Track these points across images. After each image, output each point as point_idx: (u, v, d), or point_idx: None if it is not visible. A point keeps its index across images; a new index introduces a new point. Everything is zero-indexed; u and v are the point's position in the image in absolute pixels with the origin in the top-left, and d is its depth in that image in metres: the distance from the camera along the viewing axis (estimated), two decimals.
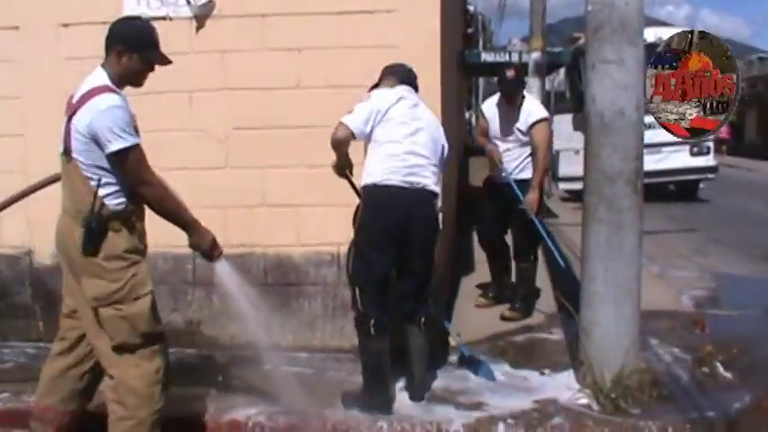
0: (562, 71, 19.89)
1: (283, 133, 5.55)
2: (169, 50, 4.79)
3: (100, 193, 3.55)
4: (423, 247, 4.67)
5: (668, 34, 17.46)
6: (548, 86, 15.19)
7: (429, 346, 4.82)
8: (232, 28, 5.63)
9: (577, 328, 4.99)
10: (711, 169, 16.88)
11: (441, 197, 5.61)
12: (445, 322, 5.40)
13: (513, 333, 5.98)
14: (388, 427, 4.32)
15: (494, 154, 6.55)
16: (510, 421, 4.32)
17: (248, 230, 5.59)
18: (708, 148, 16.26)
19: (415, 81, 4.81)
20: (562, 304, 6.17)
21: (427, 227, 4.68)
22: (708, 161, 16.60)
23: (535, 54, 12.44)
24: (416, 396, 4.69)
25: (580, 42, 16.39)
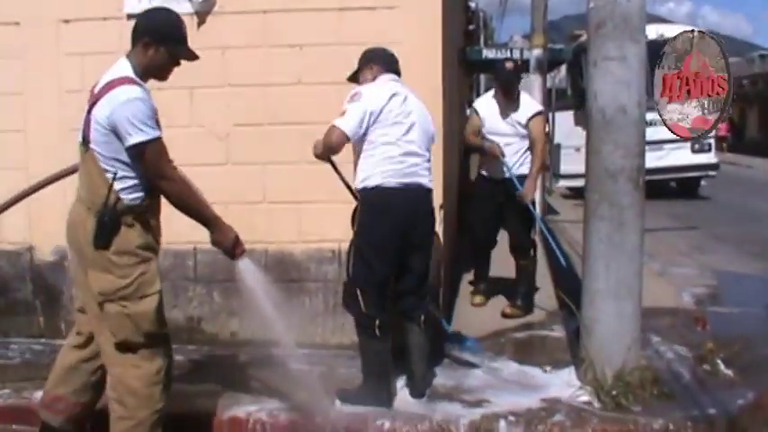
0: (563, 68, 19.91)
1: (284, 130, 5.54)
2: None
3: (115, 186, 3.49)
4: (422, 245, 4.66)
5: (670, 31, 17.45)
6: (549, 84, 15.17)
7: (429, 343, 4.82)
8: (233, 24, 5.62)
9: (578, 325, 4.99)
10: (713, 166, 16.88)
11: (443, 195, 5.64)
12: (443, 321, 5.39)
13: (515, 330, 5.99)
14: (390, 423, 4.31)
15: (495, 150, 6.53)
16: (511, 418, 4.31)
17: (249, 227, 5.54)
18: (709, 145, 16.27)
19: (398, 66, 4.72)
20: (563, 301, 6.17)
21: (426, 224, 4.67)
22: (709, 158, 16.60)
23: (536, 51, 12.41)
24: (418, 393, 4.69)
25: (582, 39, 16.41)
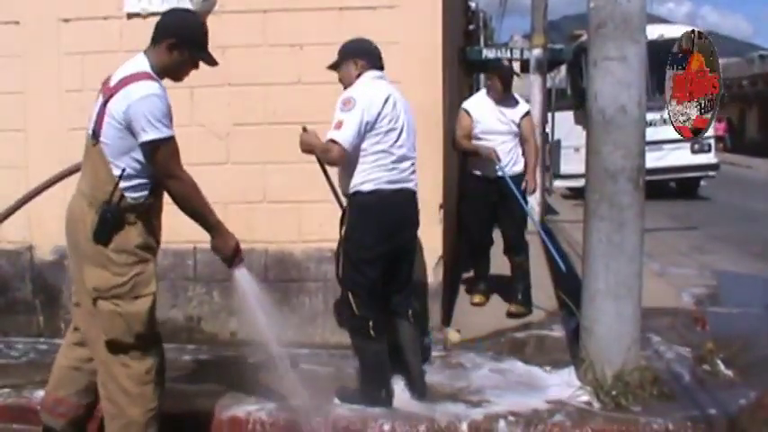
0: (563, 68, 19.88)
1: (284, 129, 5.53)
2: None
3: (121, 183, 3.48)
4: (409, 247, 4.67)
5: (671, 31, 17.42)
6: (549, 84, 15.16)
7: (420, 337, 4.82)
8: (233, 24, 5.61)
9: (578, 325, 5.00)
10: (713, 167, 16.87)
11: (443, 195, 5.64)
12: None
13: (515, 330, 5.99)
14: (390, 424, 4.32)
15: (492, 155, 6.53)
16: (511, 418, 4.31)
17: (249, 227, 5.57)
18: (709, 145, 16.26)
19: (382, 61, 4.61)
20: (563, 301, 6.17)
21: (414, 225, 4.67)
22: (709, 159, 16.58)
23: (536, 51, 12.41)
24: (418, 393, 4.67)
25: (582, 39, 16.40)
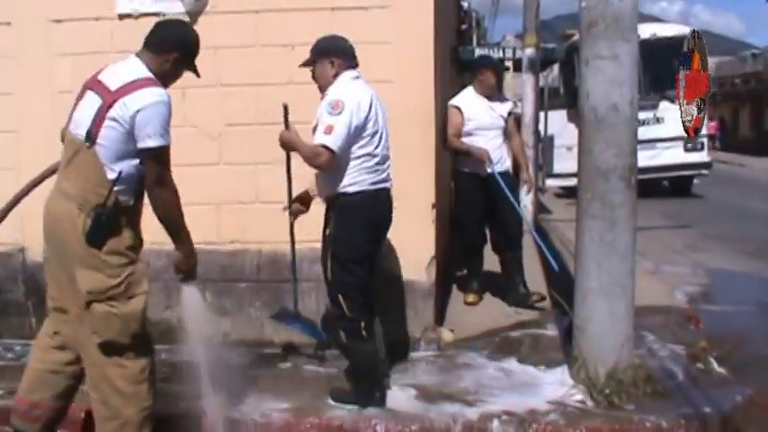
0: (556, 67, 19.90)
1: (276, 129, 5.49)
2: None
3: (115, 187, 3.51)
4: (383, 240, 4.77)
5: (664, 30, 17.35)
6: (541, 83, 15.17)
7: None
8: (225, 24, 5.61)
9: (571, 324, 5.00)
10: (705, 165, 16.90)
11: (435, 194, 5.64)
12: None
13: (508, 329, 5.98)
14: (383, 424, 4.32)
15: (485, 156, 6.57)
16: (504, 418, 4.32)
17: (242, 227, 5.58)
18: (702, 144, 16.29)
19: (357, 59, 4.62)
20: (556, 300, 6.18)
21: (389, 226, 4.71)
22: (702, 157, 16.61)
23: (529, 50, 12.41)
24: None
25: (574, 38, 16.41)
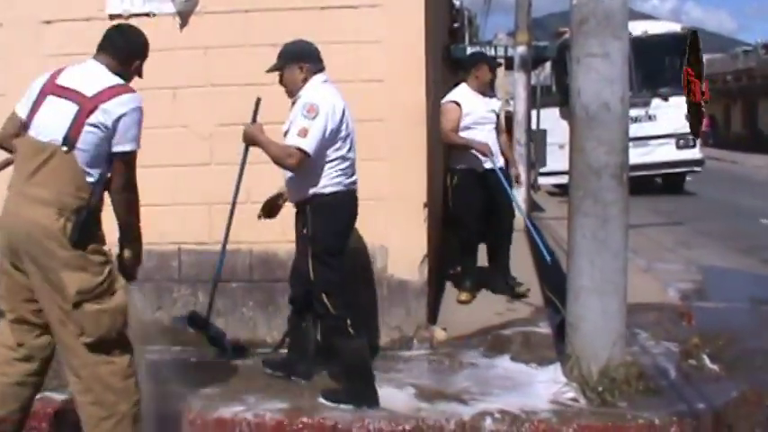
0: (548, 65, 19.93)
1: (267, 130, 5.50)
2: (152, 47, 4.71)
3: (94, 188, 3.58)
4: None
5: (656, 28, 17.32)
6: (533, 81, 15.19)
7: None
8: (215, 24, 5.60)
9: (564, 321, 5.00)
10: (698, 162, 16.94)
11: (427, 193, 5.64)
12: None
13: (501, 327, 5.97)
14: (376, 423, 4.31)
15: (485, 149, 6.61)
16: (497, 416, 4.32)
17: (234, 227, 5.56)
18: (694, 141, 16.32)
19: (323, 63, 4.68)
20: (549, 298, 6.18)
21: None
22: (694, 154, 16.64)
23: (521, 48, 12.42)
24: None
25: (566, 36, 16.42)
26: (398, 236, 5.54)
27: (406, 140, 5.53)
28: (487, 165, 6.71)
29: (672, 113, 14.71)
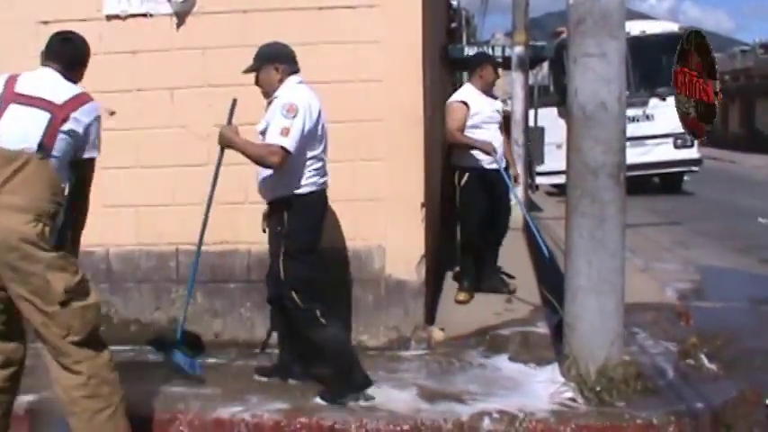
0: (545, 65, 19.91)
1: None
2: (150, 48, 4.78)
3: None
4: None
5: (653, 27, 17.30)
6: (531, 81, 15.18)
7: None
8: (213, 24, 5.59)
9: (562, 321, 5.00)
10: (695, 162, 16.96)
11: (424, 194, 5.64)
12: None
13: (499, 327, 5.97)
14: (375, 423, 4.31)
15: (489, 147, 6.66)
16: (495, 416, 4.32)
17: (231, 227, 5.56)
18: (692, 140, 16.33)
19: (298, 64, 4.76)
20: (547, 298, 6.19)
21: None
22: (692, 154, 16.67)
23: (518, 48, 12.41)
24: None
25: (563, 36, 16.41)
26: (396, 236, 5.54)
27: (404, 140, 5.53)
28: (493, 165, 6.74)
29: (669, 113, 14.59)
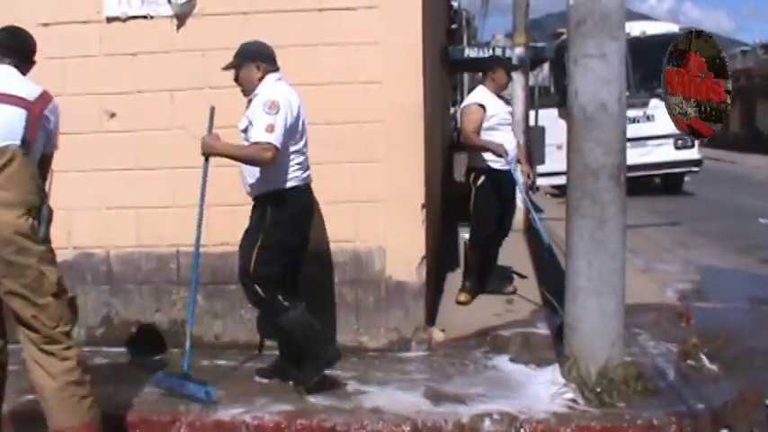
0: (546, 66, 19.92)
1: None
2: (150, 50, 4.77)
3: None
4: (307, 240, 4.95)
5: (653, 28, 17.30)
6: (532, 82, 15.16)
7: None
8: (213, 26, 5.59)
9: (562, 322, 5.00)
10: (696, 162, 16.96)
11: (425, 195, 5.64)
12: None
13: (499, 328, 5.98)
14: (375, 424, 4.31)
15: (501, 149, 6.67)
16: (496, 417, 4.32)
17: (231, 229, 5.54)
18: (692, 141, 16.34)
19: (276, 61, 4.82)
20: (547, 299, 6.18)
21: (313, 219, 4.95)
22: (692, 154, 16.68)
23: (519, 49, 12.40)
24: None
25: (564, 37, 16.41)
26: (396, 237, 5.54)
27: (404, 142, 5.53)
28: (505, 166, 6.77)
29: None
